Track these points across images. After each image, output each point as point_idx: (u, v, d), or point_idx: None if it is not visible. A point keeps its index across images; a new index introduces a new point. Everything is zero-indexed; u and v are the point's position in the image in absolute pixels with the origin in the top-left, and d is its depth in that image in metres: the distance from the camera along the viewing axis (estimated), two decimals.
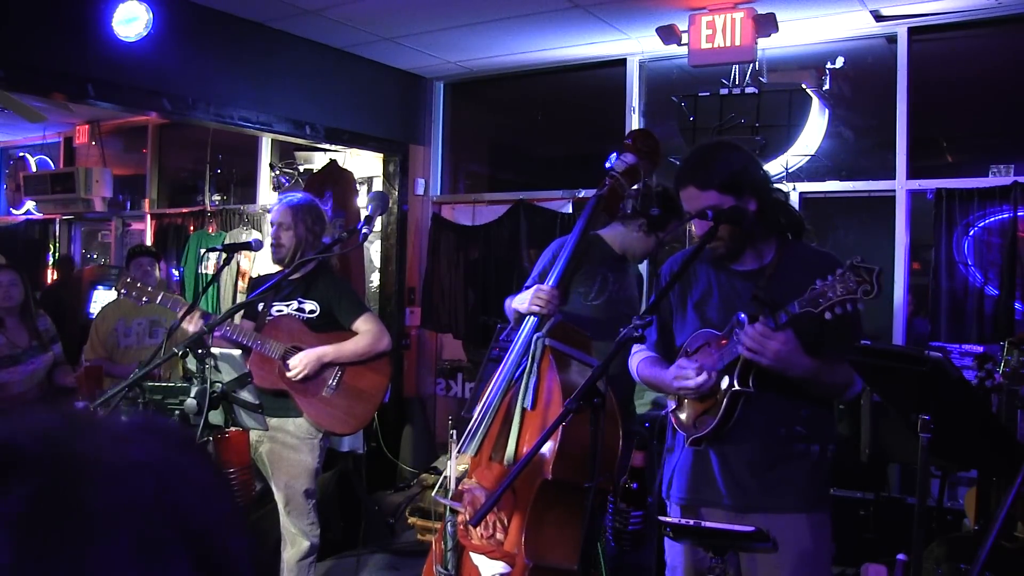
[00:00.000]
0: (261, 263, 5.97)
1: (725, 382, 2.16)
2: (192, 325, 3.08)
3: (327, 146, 5.84)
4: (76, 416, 0.49)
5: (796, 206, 4.69)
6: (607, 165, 2.99)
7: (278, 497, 3.34)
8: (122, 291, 3.31)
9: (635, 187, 2.92)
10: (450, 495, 2.73)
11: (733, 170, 2.23)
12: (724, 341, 2.18)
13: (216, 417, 2.70)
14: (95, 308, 5.96)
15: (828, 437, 2.30)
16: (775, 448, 2.22)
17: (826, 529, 2.27)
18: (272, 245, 3.42)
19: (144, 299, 3.26)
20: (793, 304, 2.02)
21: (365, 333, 3.32)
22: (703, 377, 2.16)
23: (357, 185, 6.08)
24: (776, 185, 2.40)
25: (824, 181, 4.71)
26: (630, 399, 3.16)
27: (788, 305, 2.04)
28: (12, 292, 4.08)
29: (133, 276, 3.46)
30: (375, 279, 6.18)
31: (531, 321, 2.81)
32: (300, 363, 3.23)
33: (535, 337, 2.69)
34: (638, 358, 2.47)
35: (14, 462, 0.44)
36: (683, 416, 2.33)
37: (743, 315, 2.12)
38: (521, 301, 2.95)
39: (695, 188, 2.22)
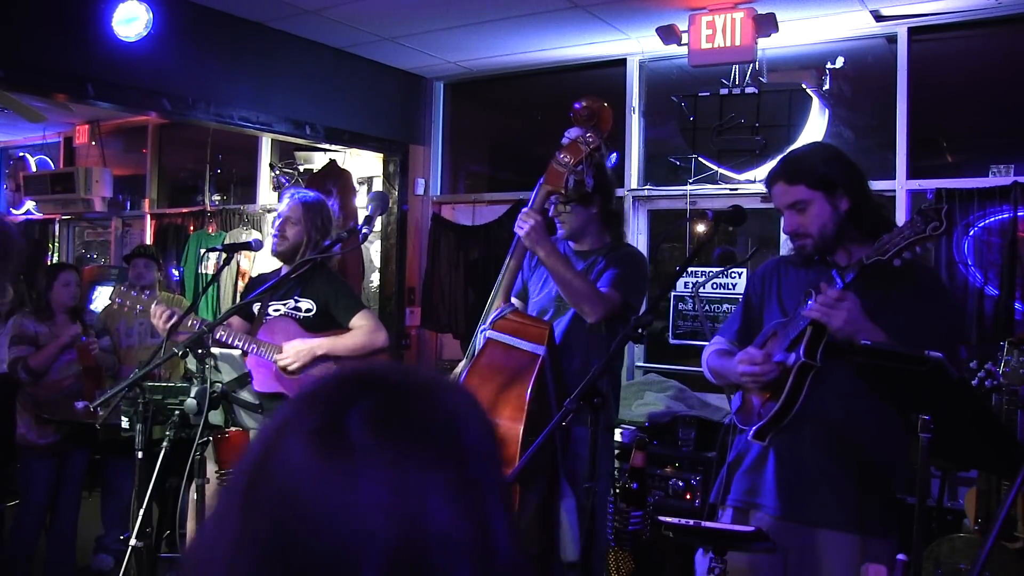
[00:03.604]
0: (261, 263, 5.97)
1: (791, 358, 2.09)
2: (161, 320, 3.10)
3: (327, 146, 5.84)
4: (400, 365, 0.76)
5: None
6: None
7: None
8: (117, 300, 3.34)
9: (579, 167, 2.75)
10: None
11: (827, 166, 2.22)
12: (791, 321, 2.15)
13: (216, 417, 2.70)
14: (95, 307, 5.96)
15: (897, 458, 2.16)
16: (836, 449, 2.12)
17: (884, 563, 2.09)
18: (275, 236, 3.39)
19: (139, 308, 3.27)
20: (859, 259, 2.01)
21: (361, 328, 3.30)
22: (772, 364, 2.11)
23: (357, 185, 6.09)
24: (875, 191, 2.32)
25: None
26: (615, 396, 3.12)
27: (852, 262, 2.03)
28: (72, 291, 4.28)
29: (127, 285, 3.48)
30: (375, 279, 6.18)
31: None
32: (291, 354, 3.20)
33: (479, 330, 2.70)
34: (710, 349, 2.41)
35: (370, 383, 0.71)
36: (747, 411, 2.26)
37: (812, 291, 2.10)
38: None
39: (784, 183, 2.21)
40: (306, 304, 3.33)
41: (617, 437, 4.23)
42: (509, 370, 2.53)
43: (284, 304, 3.34)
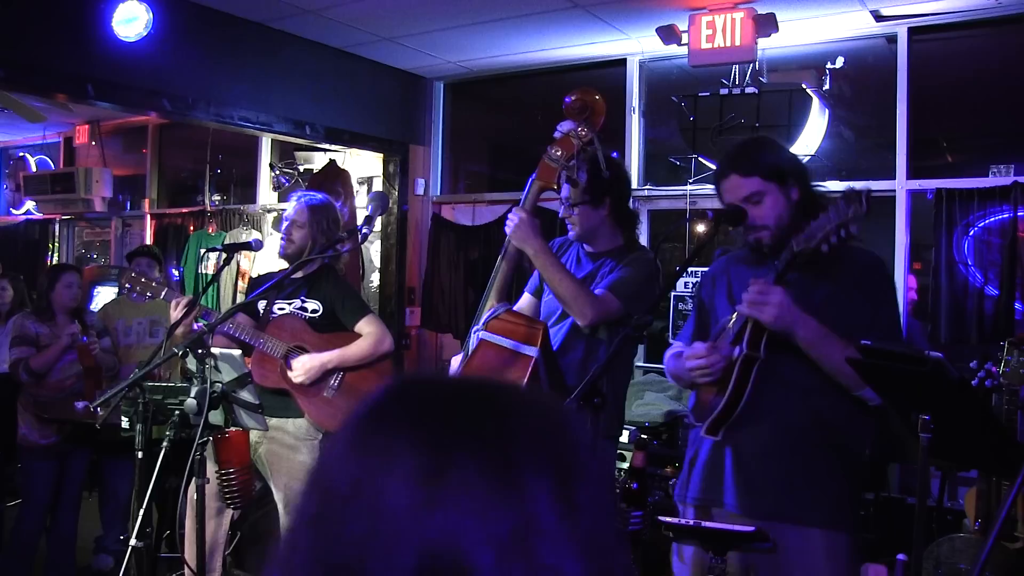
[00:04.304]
0: (261, 263, 5.97)
1: (736, 351, 2.09)
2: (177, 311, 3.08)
3: (327, 146, 5.84)
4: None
5: None
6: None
7: (278, 498, 3.34)
8: (126, 286, 3.32)
9: (572, 161, 2.64)
10: None
11: (776, 157, 2.23)
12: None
13: (216, 417, 2.70)
14: (95, 307, 5.96)
15: (858, 443, 2.15)
16: (791, 444, 2.11)
17: (842, 556, 2.10)
18: (282, 239, 3.40)
19: (148, 295, 3.27)
20: (789, 247, 2.02)
21: (367, 336, 3.32)
22: (717, 356, 2.11)
23: (357, 185, 6.09)
24: (818, 184, 2.34)
25: (824, 181, 4.69)
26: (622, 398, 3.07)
27: (783, 252, 2.03)
28: (74, 293, 4.29)
29: (136, 272, 3.46)
30: (375, 279, 6.18)
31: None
32: (302, 370, 3.22)
33: (472, 330, 2.67)
34: (669, 352, 2.42)
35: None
36: (701, 407, 2.26)
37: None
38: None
39: (738, 176, 2.19)
40: (312, 305, 3.34)
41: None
42: (501, 372, 2.50)
43: (290, 304, 3.36)
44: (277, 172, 6.32)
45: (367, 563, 0.60)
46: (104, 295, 6.06)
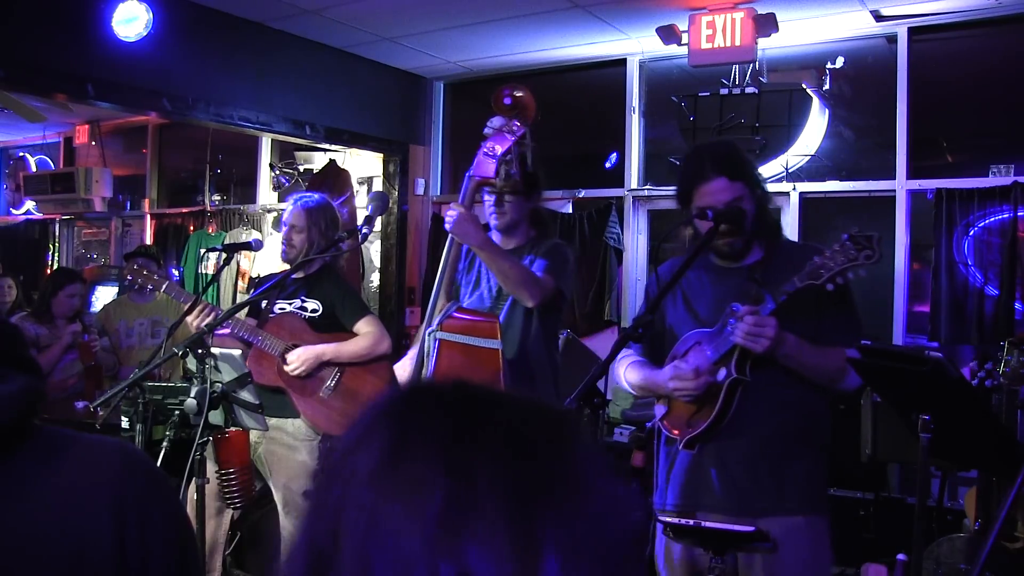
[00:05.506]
0: (261, 263, 5.98)
1: (721, 374, 2.13)
2: (199, 319, 3.08)
3: (327, 146, 5.84)
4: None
5: (796, 206, 4.70)
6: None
7: (277, 498, 3.34)
8: (128, 277, 3.32)
9: (508, 156, 2.69)
10: None
11: (752, 162, 2.29)
12: (716, 335, 2.17)
13: (216, 417, 2.70)
14: (95, 307, 5.96)
15: (824, 436, 2.25)
16: (771, 445, 2.17)
17: (824, 536, 2.20)
18: (283, 245, 3.41)
19: (149, 287, 3.27)
20: (792, 281, 2.02)
21: (366, 335, 3.32)
22: (704, 379, 2.15)
23: (357, 185, 6.09)
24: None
25: (824, 181, 4.71)
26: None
27: (785, 284, 2.04)
28: (74, 304, 4.32)
29: (138, 265, 3.44)
30: (375, 279, 6.18)
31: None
32: (299, 359, 3.22)
33: (426, 332, 2.70)
34: (625, 363, 2.44)
35: (440, 397, 0.69)
36: (676, 420, 2.29)
37: (737, 305, 2.09)
38: None
39: (727, 179, 2.19)
40: (312, 305, 3.34)
41: (617, 437, 4.24)
42: (475, 369, 2.55)
43: (290, 303, 3.36)
44: (277, 172, 6.32)
45: None
46: (104, 295, 6.06)
